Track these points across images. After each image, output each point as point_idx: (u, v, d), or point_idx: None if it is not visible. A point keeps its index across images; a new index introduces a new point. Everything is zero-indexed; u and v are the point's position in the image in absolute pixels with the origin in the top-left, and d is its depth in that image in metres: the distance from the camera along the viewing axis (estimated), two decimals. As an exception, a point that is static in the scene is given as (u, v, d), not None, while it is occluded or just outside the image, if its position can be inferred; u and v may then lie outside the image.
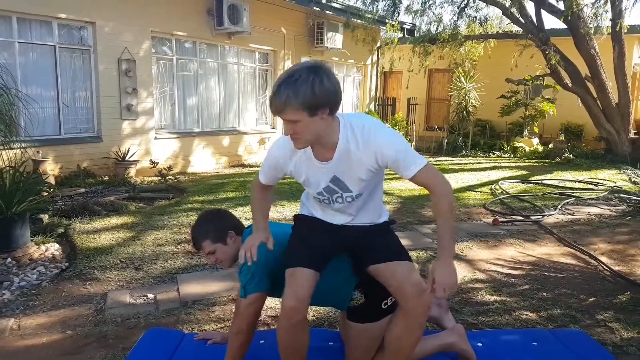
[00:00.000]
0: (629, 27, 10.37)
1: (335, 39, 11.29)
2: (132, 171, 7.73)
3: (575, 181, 8.11)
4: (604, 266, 3.96)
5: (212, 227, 2.22)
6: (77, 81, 7.44)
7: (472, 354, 2.23)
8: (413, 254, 4.14)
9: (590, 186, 7.65)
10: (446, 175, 8.92)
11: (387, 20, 12.05)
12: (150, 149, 8.31)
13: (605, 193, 6.88)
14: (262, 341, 2.54)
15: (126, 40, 7.75)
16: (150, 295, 3.32)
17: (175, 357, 2.39)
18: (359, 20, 11.42)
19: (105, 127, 7.70)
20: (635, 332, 2.78)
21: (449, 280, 1.69)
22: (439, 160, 10.92)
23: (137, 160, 7.93)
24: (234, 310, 2.08)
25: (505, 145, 12.34)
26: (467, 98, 12.91)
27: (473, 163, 10.54)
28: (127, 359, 2.39)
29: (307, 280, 1.87)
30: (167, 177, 7.18)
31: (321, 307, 3.08)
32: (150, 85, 8.25)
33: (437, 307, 2.58)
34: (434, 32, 12.20)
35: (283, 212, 5.66)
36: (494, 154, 12.08)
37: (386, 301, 2.16)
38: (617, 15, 9.97)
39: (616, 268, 3.91)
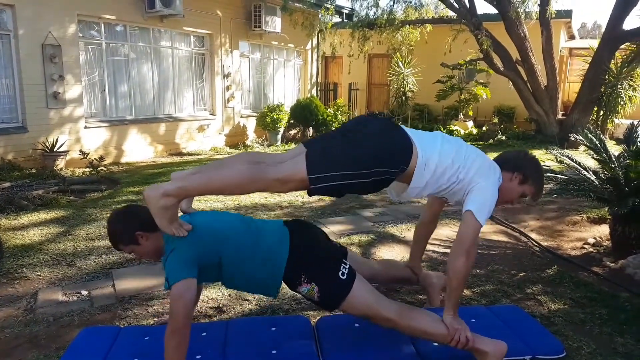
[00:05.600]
0: (555, 12, 10.91)
1: (274, 23, 11.13)
2: (61, 163, 7.32)
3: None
4: (534, 242, 4.18)
5: (119, 231, 2.14)
6: (-4, 68, 6.92)
7: None
8: (355, 238, 4.20)
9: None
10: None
11: (324, 4, 12.01)
12: (80, 138, 7.89)
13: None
14: (203, 334, 2.49)
15: (50, 24, 7.27)
16: (84, 292, 3.16)
17: (112, 353, 2.31)
18: (296, 4, 11.30)
19: (30, 117, 7.22)
20: (561, 303, 2.96)
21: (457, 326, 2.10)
22: (379, 144, 11.10)
23: (67, 151, 7.51)
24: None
25: (442, 129, 12.69)
26: (405, 83, 13.18)
27: (412, 146, 10.78)
28: (62, 359, 2.28)
29: None
30: (99, 168, 6.86)
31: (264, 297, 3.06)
32: (78, 72, 7.80)
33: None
34: (372, 17, 12.29)
35: (225, 200, 5.57)
36: (432, 137, 12.43)
37: (342, 270, 2.15)
38: (545, 1, 10.46)
39: (545, 244, 4.14)
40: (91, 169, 6.92)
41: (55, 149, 7.32)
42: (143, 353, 2.30)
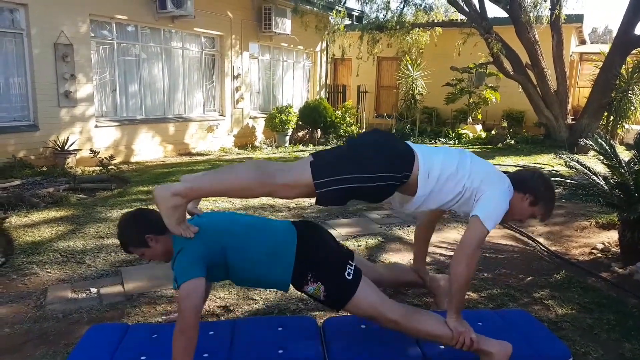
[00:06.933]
0: (566, 16, 10.86)
1: (284, 25, 11.17)
2: (71, 161, 7.39)
3: (516, 166, 8.47)
4: (542, 247, 4.17)
5: (129, 235, 2.17)
6: (9, 67, 7.00)
7: None
8: (362, 240, 4.21)
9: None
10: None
11: (335, 7, 12.05)
12: (90, 137, 7.96)
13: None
14: (211, 333, 2.51)
15: (62, 23, 7.35)
16: (93, 290, 3.20)
17: (120, 351, 2.33)
18: (307, 6, 11.34)
19: (42, 115, 7.30)
20: (568, 308, 2.95)
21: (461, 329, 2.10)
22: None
23: (77, 150, 7.58)
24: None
25: (451, 132, 12.68)
26: (414, 86, 13.16)
27: (420, 149, 10.76)
28: (71, 356, 2.30)
29: None
30: (109, 167, 6.92)
31: (271, 295, 3.08)
32: (90, 71, 7.88)
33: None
34: (382, 20, 12.30)
35: (233, 201, 5.60)
36: (439, 140, 12.39)
37: (348, 270, 2.16)
38: (556, 5, 10.41)
39: (553, 248, 4.12)
40: (101, 167, 6.98)
41: (66, 148, 7.39)
42: (151, 351, 2.32)
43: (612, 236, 4.42)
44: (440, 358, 2.26)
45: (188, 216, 2.23)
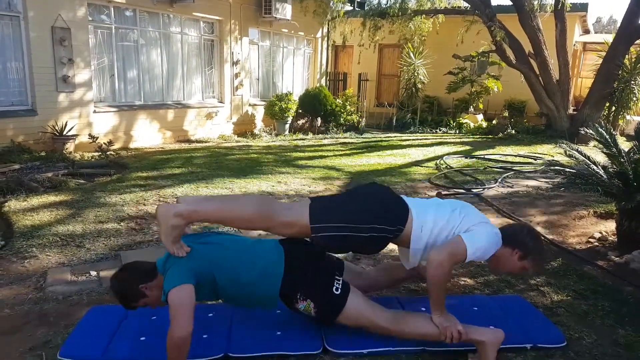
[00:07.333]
0: (571, 5, 10.78)
1: (284, 10, 11.05)
2: (70, 146, 7.38)
3: (516, 155, 8.47)
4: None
5: (127, 294, 2.20)
6: (6, 50, 6.95)
7: None
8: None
9: (529, 160, 8.02)
10: (395, 151, 8.99)
11: (337, -8, 11.94)
12: (89, 123, 7.93)
13: (543, 167, 7.24)
14: (210, 315, 2.53)
15: (60, 6, 7.28)
16: (93, 273, 3.22)
17: (119, 331, 2.36)
18: (308, -9, 11.23)
19: (40, 100, 7.27)
20: (564, 295, 2.97)
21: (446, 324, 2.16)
22: (388, 137, 11.08)
23: (76, 135, 7.56)
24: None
25: (452, 122, 12.65)
26: (416, 74, 13.10)
27: (420, 139, 10.77)
28: (71, 336, 2.33)
29: None
30: (107, 153, 6.91)
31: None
32: (88, 56, 7.83)
33: None
34: (384, 6, 12.20)
35: (232, 187, 5.60)
36: (440, 130, 12.38)
37: (335, 285, 2.23)
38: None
39: (550, 236, 4.14)
40: (100, 153, 6.97)
41: (64, 133, 7.37)
42: (150, 332, 2.34)
43: (610, 226, 4.43)
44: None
45: None
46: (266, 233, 3.02)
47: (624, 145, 4.26)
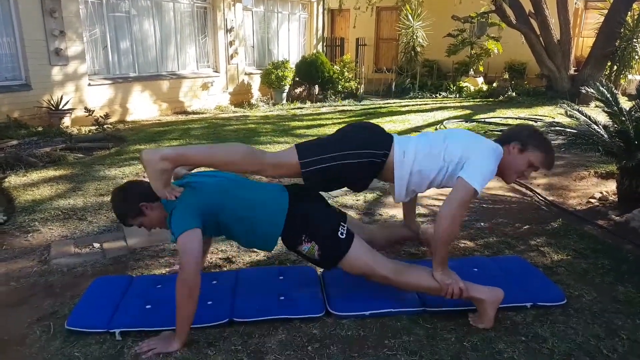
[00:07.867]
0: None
1: (278, -24, 10.80)
2: (67, 121, 7.33)
3: (516, 118, 8.40)
4: (540, 197, 4.19)
5: (123, 209, 2.23)
6: (-4, 23, 6.83)
7: (491, 321, 2.20)
8: (360, 195, 4.22)
9: (530, 122, 7.96)
10: (394, 118, 8.90)
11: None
12: (84, 96, 7.86)
13: (544, 128, 7.19)
14: (214, 282, 2.56)
15: (49, -24, 7.10)
16: (96, 245, 3.24)
17: (124, 300, 2.39)
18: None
19: (33, 74, 7.18)
20: (564, 254, 2.99)
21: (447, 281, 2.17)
22: (387, 103, 10.98)
23: (72, 109, 7.50)
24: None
25: (452, 86, 12.50)
26: (414, 37, 12.86)
27: (420, 104, 10.66)
28: (77, 306, 2.36)
29: None
30: (104, 126, 6.87)
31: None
32: (79, 27, 7.68)
33: None
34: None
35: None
36: (440, 94, 12.24)
37: (341, 230, 2.23)
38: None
39: (550, 198, 4.15)
40: (97, 126, 6.93)
41: (60, 107, 7.31)
42: (155, 300, 2.37)
43: (611, 186, 4.43)
44: (434, 301, 2.32)
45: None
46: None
47: (626, 104, 4.21)
